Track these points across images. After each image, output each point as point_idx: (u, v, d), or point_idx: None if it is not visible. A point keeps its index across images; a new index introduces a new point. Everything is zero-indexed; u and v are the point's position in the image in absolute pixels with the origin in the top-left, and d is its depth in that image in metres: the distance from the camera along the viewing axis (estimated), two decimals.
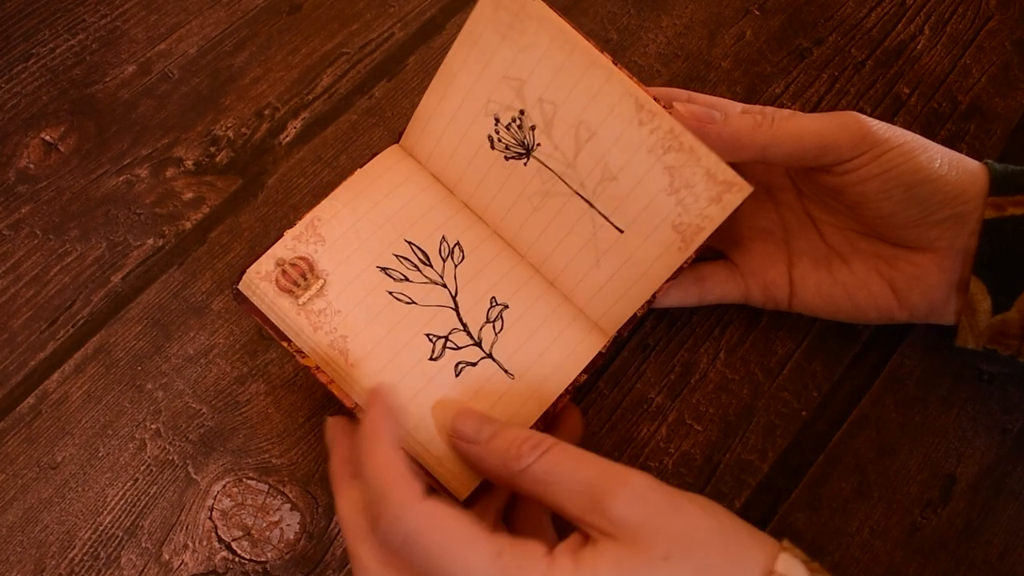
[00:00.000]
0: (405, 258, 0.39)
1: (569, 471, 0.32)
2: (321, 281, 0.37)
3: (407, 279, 0.39)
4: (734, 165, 0.39)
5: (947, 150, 0.40)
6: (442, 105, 0.40)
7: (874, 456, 0.43)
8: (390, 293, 0.38)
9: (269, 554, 0.40)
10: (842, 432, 0.44)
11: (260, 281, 0.36)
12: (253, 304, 0.37)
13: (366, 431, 0.33)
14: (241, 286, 0.37)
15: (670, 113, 0.36)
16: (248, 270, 0.37)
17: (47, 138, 0.48)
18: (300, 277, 0.37)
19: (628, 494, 0.31)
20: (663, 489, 0.31)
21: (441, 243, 0.40)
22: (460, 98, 0.40)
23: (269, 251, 0.37)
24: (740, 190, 0.36)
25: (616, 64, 0.36)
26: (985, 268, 0.39)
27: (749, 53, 0.52)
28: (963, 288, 0.40)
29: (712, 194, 0.36)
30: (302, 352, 0.37)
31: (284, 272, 0.37)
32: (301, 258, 0.37)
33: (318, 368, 0.36)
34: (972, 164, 0.40)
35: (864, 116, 0.39)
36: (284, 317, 0.37)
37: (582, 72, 0.36)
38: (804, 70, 0.52)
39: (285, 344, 0.37)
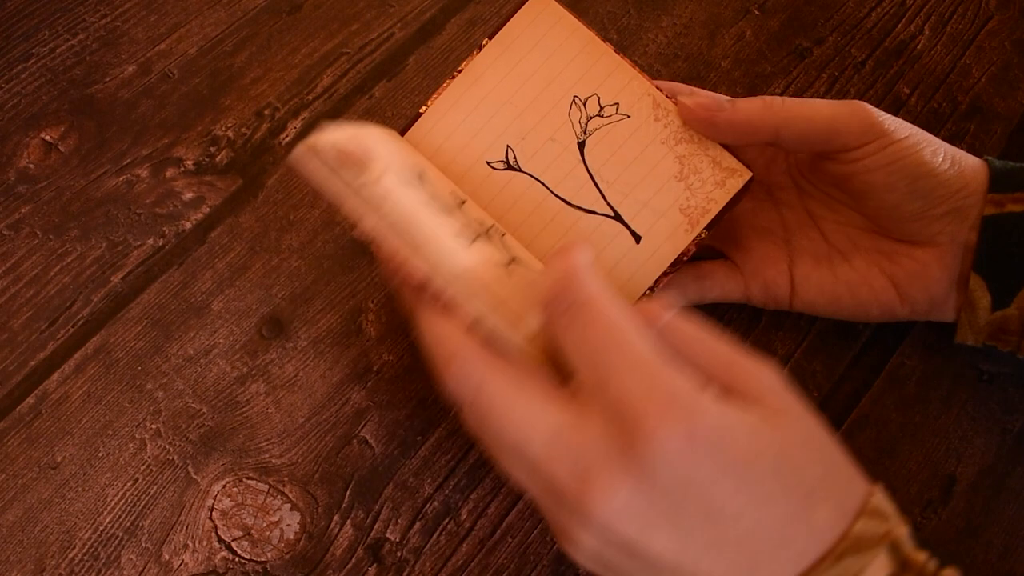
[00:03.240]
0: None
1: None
2: (378, 172, 0.36)
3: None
4: (738, 154, 0.42)
5: (949, 146, 0.40)
6: (461, 101, 0.41)
7: (874, 456, 0.43)
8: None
9: (269, 554, 0.40)
10: (842, 432, 0.44)
11: (322, 148, 0.35)
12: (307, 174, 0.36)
13: (419, 308, 0.34)
14: (294, 157, 0.35)
15: (676, 106, 0.41)
16: (304, 142, 0.35)
17: (47, 138, 0.48)
18: (356, 163, 0.36)
19: None
20: None
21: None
22: (481, 96, 0.41)
23: (327, 130, 0.36)
24: (742, 175, 0.40)
25: (624, 58, 0.41)
26: (984, 265, 0.39)
27: (749, 53, 0.52)
28: (963, 283, 0.40)
29: (717, 179, 0.41)
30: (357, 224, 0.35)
31: (342, 151, 0.35)
32: (356, 146, 0.36)
33: (373, 241, 0.35)
34: (973, 160, 0.40)
35: (871, 107, 0.39)
36: (338, 194, 0.35)
37: (607, 74, 0.41)
38: (804, 70, 0.52)
39: (343, 211, 0.35)
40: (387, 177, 0.35)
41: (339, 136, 0.35)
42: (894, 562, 0.29)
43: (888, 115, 0.39)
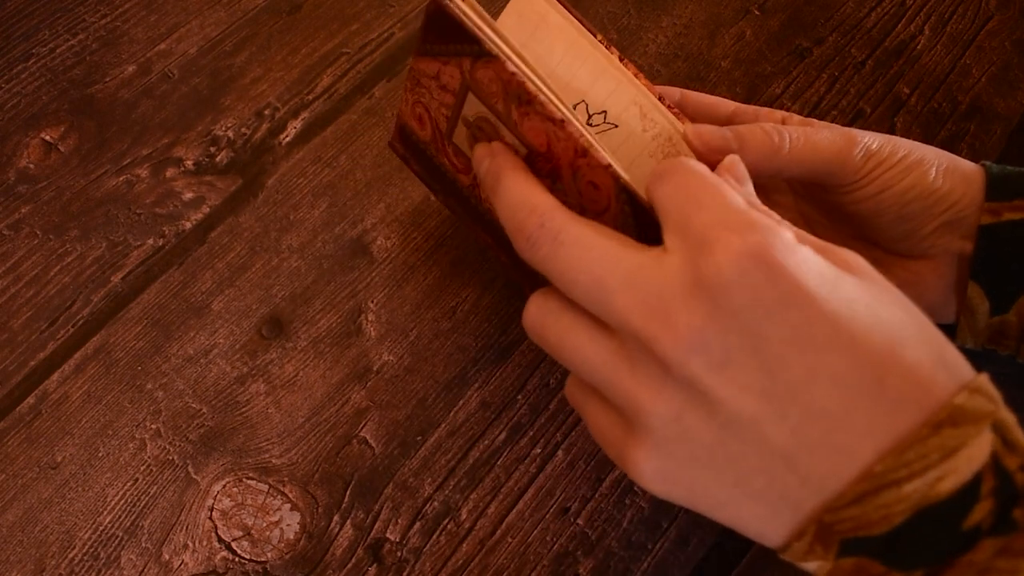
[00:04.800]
0: None
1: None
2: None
3: None
4: None
5: (944, 156, 0.39)
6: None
7: None
8: None
9: (269, 554, 0.40)
10: None
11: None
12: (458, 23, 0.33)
13: (503, 170, 0.33)
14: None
15: (684, 132, 0.38)
16: None
17: (47, 138, 0.48)
18: None
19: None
20: None
21: None
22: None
23: None
24: None
25: (623, 60, 0.39)
26: (982, 273, 0.39)
27: (749, 53, 0.52)
28: (961, 289, 0.40)
29: None
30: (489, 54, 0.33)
31: None
32: None
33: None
34: (969, 168, 0.40)
35: (864, 137, 0.38)
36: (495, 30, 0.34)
37: (593, 79, 0.39)
38: (804, 70, 0.52)
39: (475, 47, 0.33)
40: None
41: None
42: (999, 442, 0.26)
43: (881, 137, 0.38)
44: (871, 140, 0.38)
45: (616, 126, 0.39)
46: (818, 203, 0.43)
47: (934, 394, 0.26)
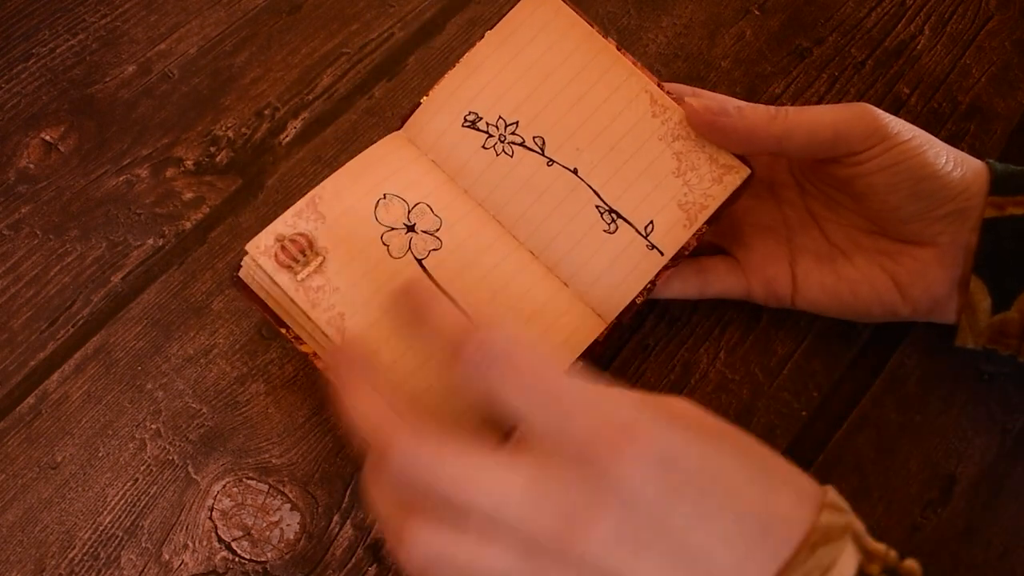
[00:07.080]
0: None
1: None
2: (320, 258, 0.37)
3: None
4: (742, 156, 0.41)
5: (952, 148, 0.40)
6: (458, 94, 0.41)
7: (874, 456, 0.43)
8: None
9: (269, 554, 0.40)
10: (842, 432, 0.44)
11: (260, 255, 0.36)
12: (252, 290, 0.37)
13: (341, 387, 0.32)
14: (243, 261, 0.37)
15: (681, 107, 0.41)
16: (248, 244, 0.37)
17: (47, 138, 0.48)
18: (299, 253, 0.37)
19: None
20: None
21: (439, 228, 0.40)
22: (478, 89, 0.41)
23: (269, 226, 0.37)
24: (739, 172, 0.40)
25: (624, 54, 0.41)
26: (985, 267, 0.39)
27: (749, 53, 0.52)
28: (964, 285, 0.40)
29: (715, 175, 0.41)
30: (300, 339, 0.37)
31: (283, 247, 0.37)
32: (301, 234, 0.37)
33: (315, 355, 0.36)
34: (974, 163, 0.40)
35: (875, 108, 0.39)
36: (284, 293, 0.36)
37: (605, 69, 0.41)
38: (804, 70, 0.52)
39: (283, 331, 0.37)
40: (328, 263, 0.37)
41: (281, 228, 0.37)
42: (859, 552, 0.29)
43: (892, 116, 0.39)
44: (882, 113, 0.39)
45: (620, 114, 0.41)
46: (825, 199, 0.43)
47: (806, 522, 0.29)
